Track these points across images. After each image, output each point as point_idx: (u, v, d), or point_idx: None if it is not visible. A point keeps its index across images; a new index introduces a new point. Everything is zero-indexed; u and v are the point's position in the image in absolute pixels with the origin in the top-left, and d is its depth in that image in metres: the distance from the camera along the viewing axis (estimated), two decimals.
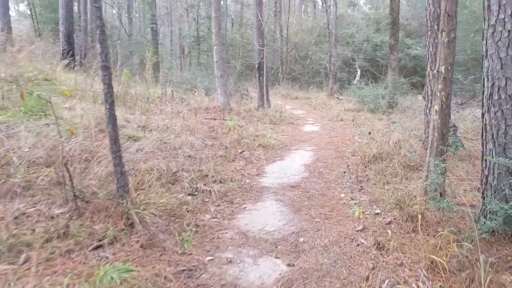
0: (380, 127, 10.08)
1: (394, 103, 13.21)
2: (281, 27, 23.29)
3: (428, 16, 6.71)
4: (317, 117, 12.57)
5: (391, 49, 13.52)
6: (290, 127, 10.05)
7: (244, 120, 9.69)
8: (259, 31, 11.28)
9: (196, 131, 7.47)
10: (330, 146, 7.59)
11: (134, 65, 17.59)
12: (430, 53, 6.71)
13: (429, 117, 6.85)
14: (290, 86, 22.06)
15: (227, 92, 10.42)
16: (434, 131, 4.21)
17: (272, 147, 7.28)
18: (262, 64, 11.42)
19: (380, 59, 20.66)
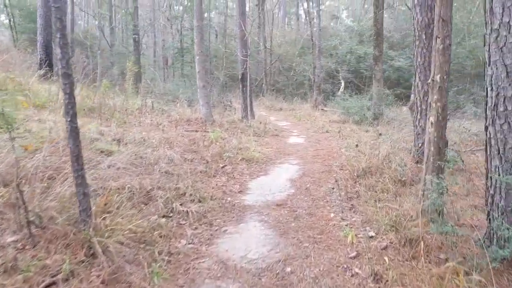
0: (366, 139, 9.80)
1: (379, 115, 13.01)
2: (264, 38, 23.11)
3: (416, 25, 6.46)
4: (302, 128, 12.25)
5: (376, 60, 13.36)
6: (274, 139, 9.68)
7: (227, 132, 9.28)
8: (242, 41, 10.95)
9: (176, 144, 7.02)
10: (316, 159, 7.23)
11: (114, 76, 17.05)
12: (419, 63, 6.45)
13: (418, 129, 6.58)
14: (274, 98, 21.79)
15: (209, 103, 10.02)
16: (430, 145, 3.87)
17: (256, 161, 6.87)
18: (245, 75, 11.08)
19: (364, 70, 20.60)
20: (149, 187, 4.35)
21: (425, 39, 6.34)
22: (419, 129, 6.56)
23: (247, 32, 10.72)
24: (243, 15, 11.17)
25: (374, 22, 13.38)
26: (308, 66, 21.80)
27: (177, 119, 10.11)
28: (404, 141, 8.58)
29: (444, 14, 3.71)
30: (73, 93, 3.09)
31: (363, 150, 7.59)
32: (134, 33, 18.66)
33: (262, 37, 22.89)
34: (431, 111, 3.85)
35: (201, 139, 7.90)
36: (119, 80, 21.51)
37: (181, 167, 5.58)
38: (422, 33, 6.36)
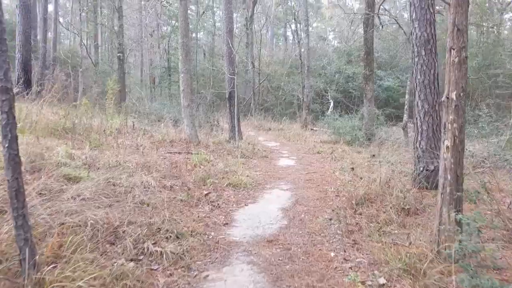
0: (360, 161, 9.27)
1: (371, 135, 12.55)
2: (253, 58, 22.77)
3: (415, 40, 6.01)
4: (292, 149, 11.68)
5: (366, 79, 12.98)
6: (263, 161, 9.07)
7: (213, 154, 8.65)
8: (229, 58, 10.45)
9: (155, 168, 6.35)
10: (309, 184, 6.61)
11: (97, 95, 16.37)
12: (419, 81, 5.97)
13: (418, 151, 6.05)
14: (263, 117, 21.30)
15: (194, 123, 9.41)
16: (446, 173, 3.30)
17: (243, 186, 6.23)
18: (233, 93, 10.53)
19: (353, 90, 20.31)
20: (117, 222, 3.66)
21: (425, 55, 5.89)
22: (419, 152, 6.02)
23: (234, 49, 10.24)
24: (230, 32, 10.71)
25: (364, 41, 13.07)
26: (297, 86, 21.47)
27: (160, 140, 9.46)
28: (401, 163, 8.06)
29: (459, 23, 3.21)
30: (12, 112, 2.45)
31: (359, 173, 7.03)
32: (119, 51, 18.09)
33: (250, 57, 22.55)
34: (446, 133, 3.29)
35: (184, 162, 7.25)
36: (101, 99, 20.82)
37: (159, 196, 4.91)
38: (422, 49, 5.91)
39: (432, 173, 5.85)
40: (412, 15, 6.00)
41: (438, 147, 5.93)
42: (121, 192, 4.80)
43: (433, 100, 5.89)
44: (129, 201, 4.49)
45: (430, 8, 5.83)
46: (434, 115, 5.90)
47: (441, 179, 3.36)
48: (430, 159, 5.90)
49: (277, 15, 32.83)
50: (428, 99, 5.89)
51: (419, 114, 6.00)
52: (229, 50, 10.31)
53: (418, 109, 6.02)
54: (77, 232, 3.36)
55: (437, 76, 5.93)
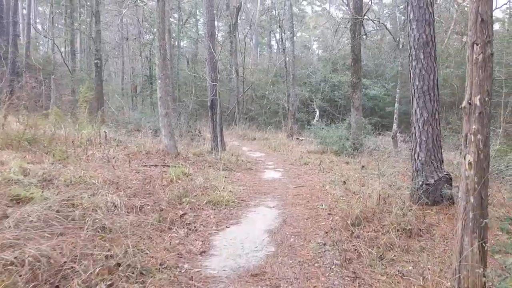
0: (350, 172, 8.72)
1: (359, 145, 12.04)
2: (237, 65, 22.21)
3: (412, 43, 5.49)
4: (278, 160, 11.07)
5: (354, 87, 12.51)
6: (248, 174, 8.41)
7: (192, 167, 7.95)
8: (211, 64, 9.83)
9: (125, 184, 5.64)
10: (298, 201, 5.98)
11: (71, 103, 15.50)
12: (417, 87, 5.44)
13: (417, 164, 5.50)
14: (247, 127, 20.70)
15: (173, 133, 8.71)
16: (468, 195, 2.71)
17: (225, 204, 5.56)
18: (215, 101, 9.89)
19: (339, 99, 19.91)
20: (64, 259, 2.95)
21: (424, 59, 5.37)
22: (418, 164, 5.47)
23: (217, 54, 9.62)
24: (212, 36, 10.10)
25: (351, 48, 12.63)
26: (282, 95, 20.97)
27: (135, 151, 8.73)
28: (395, 175, 7.52)
29: (483, 12, 2.65)
30: None
31: (351, 187, 6.44)
32: (96, 57, 17.28)
33: (234, 64, 21.99)
34: (468, 146, 2.71)
35: (160, 176, 6.53)
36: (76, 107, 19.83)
37: (125, 219, 4.20)
38: (420, 52, 5.39)
39: (432, 188, 5.30)
40: (410, 15, 5.49)
41: (438, 159, 5.41)
42: (79, 216, 4.08)
43: (433, 107, 5.37)
44: (87, 227, 3.78)
45: (429, 8, 5.34)
46: (434, 124, 5.37)
47: (461, 202, 2.76)
48: (430, 172, 5.36)
49: (262, 24, 32.48)
50: (428, 107, 5.36)
51: (417, 123, 5.46)
52: (210, 55, 9.68)
53: (416, 117, 5.47)
54: (11, 273, 2.65)
55: (436, 81, 5.42)
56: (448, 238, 4.31)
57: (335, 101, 20.17)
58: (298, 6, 39.55)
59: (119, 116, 19.54)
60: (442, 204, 5.26)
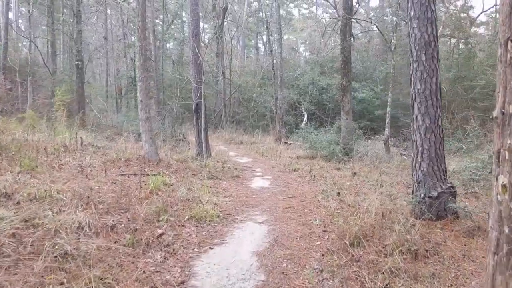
0: (342, 180, 8.25)
1: (349, 150, 11.60)
2: (223, 67, 21.64)
3: (413, 43, 5.03)
4: (266, 166, 10.54)
5: (344, 90, 12.09)
6: (234, 182, 7.85)
7: (175, 175, 7.37)
8: (196, 65, 9.26)
9: (98, 198, 5.02)
10: (289, 214, 5.45)
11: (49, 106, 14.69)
12: (418, 91, 4.97)
13: (419, 175, 5.03)
14: (234, 130, 20.15)
15: (154, 139, 8.11)
16: (501, 224, 2.21)
17: (209, 220, 4.99)
18: (200, 105, 9.31)
19: (327, 102, 19.51)
20: None
21: (426, 60, 4.90)
22: (419, 175, 5.00)
23: (201, 55, 9.05)
24: (196, 36, 9.53)
25: (341, 50, 12.21)
26: (270, 97, 20.49)
27: (114, 159, 8.09)
28: (392, 184, 7.07)
29: None
30: None
31: (346, 199, 5.94)
32: (77, 59, 16.51)
33: (220, 67, 21.42)
34: (502, 165, 2.21)
35: (138, 187, 5.94)
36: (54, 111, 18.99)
37: (93, 242, 3.62)
38: (422, 53, 4.92)
39: (435, 201, 4.83)
40: (410, 12, 5.02)
41: (442, 169, 4.95)
42: (39, 239, 3.48)
43: (436, 113, 4.91)
44: (46, 254, 3.19)
45: (431, 5, 4.88)
46: (437, 131, 4.91)
47: (493, 232, 2.26)
48: (433, 184, 4.89)
49: (249, 26, 31.98)
50: (430, 113, 4.90)
51: (418, 131, 4.99)
52: (195, 56, 9.11)
53: (417, 124, 5.00)
54: None
55: (439, 85, 4.96)
56: (458, 261, 3.83)
57: (323, 104, 19.76)
58: (285, 8, 39.25)
59: (102, 120, 18.80)
60: (447, 218, 4.80)
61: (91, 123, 16.27)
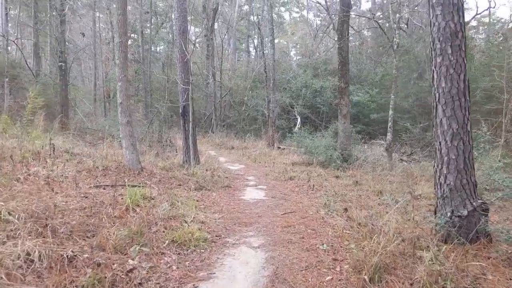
0: (343, 190, 7.41)
1: (348, 156, 10.78)
2: (214, 70, 20.73)
3: (436, 33, 4.20)
4: (259, 174, 9.66)
5: (341, 93, 11.28)
6: (225, 194, 6.95)
7: (158, 186, 6.45)
8: (183, 64, 8.36)
9: (61, 219, 4.09)
10: (289, 236, 4.55)
11: None
12: (443, 89, 4.13)
13: (444, 190, 4.20)
14: (225, 134, 19.24)
15: (135, 145, 7.17)
16: None
17: (194, 244, 4.08)
18: (187, 107, 8.40)
19: (321, 105, 18.71)
20: None
21: (452, 54, 4.08)
22: (445, 190, 4.16)
23: (189, 54, 8.14)
24: (183, 33, 8.63)
25: (338, 50, 11.40)
26: (261, 101, 19.64)
27: (90, 167, 7.13)
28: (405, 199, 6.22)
29: None
30: None
31: (354, 215, 5.07)
32: (61, 60, 15.47)
33: (211, 69, 20.51)
34: None
35: (113, 203, 5.01)
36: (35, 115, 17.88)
37: (42, 283, 2.70)
38: (447, 45, 4.10)
39: (465, 221, 3.99)
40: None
41: (472, 182, 4.11)
42: None
43: (464, 116, 4.08)
44: None
45: None
46: (466, 138, 4.08)
47: None
48: (462, 201, 4.05)
49: (240, 28, 31.13)
50: (457, 116, 4.07)
51: (444, 137, 4.15)
52: (182, 54, 8.22)
53: (442, 129, 4.16)
54: None
55: (467, 83, 4.14)
56: None
57: (317, 107, 18.97)
58: (276, 12, 38.50)
59: (87, 124, 17.75)
60: (479, 242, 3.96)
61: (74, 127, 15.24)
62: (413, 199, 5.87)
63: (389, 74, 17.99)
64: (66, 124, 15.82)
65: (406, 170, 9.47)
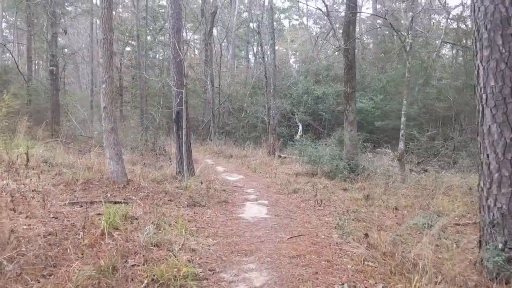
0: (354, 205, 6.56)
1: (355, 166, 9.91)
2: (212, 76, 19.92)
3: (482, 20, 3.37)
4: (260, 186, 8.78)
5: (347, 99, 10.46)
6: (221, 210, 6.06)
7: (145, 202, 5.57)
8: (176, 64, 7.53)
9: (14, 251, 3.22)
10: (300, 270, 3.65)
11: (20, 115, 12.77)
12: (492, 89, 3.29)
13: (495, 214, 3.36)
14: (224, 142, 18.36)
15: (120, 155, 6.30)
16: None
17: (180, 284, 3.19)
18: (181, 113, 7.54)
19: (323, 112, 17.87)
20: None
21: (503, 44, 3.24)
22: (496, 215, 3.30)
23: (182, 53, 7.30)
24: (178, 32, 7.81)
25: (344, 53, 10.60)
26: (261, 107, 18.80)
27: (69, 180, 6.26)
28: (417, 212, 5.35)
29: None
30: None
31: (376, 241, 4.19)
32: (52, 64, 14.67)
33: (209, 75, 19.70)
34: None
35: (88, 225, 4.13)
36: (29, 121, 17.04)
37: None
38: (496, 34, 3.27)
39: None
40: None
41: None
42: None
43: None
44: None
45: None
46: None
47: None
48: None
49: (239, 34, 30.40)
50: (510, 122, 3.22)
51: (493, 149, 3.30)
52: (175, 54, 7.39)
53: (491, 139, 3.31)
54: None
55: None
56: None
57: (319, 114, 18.13)
58: (276, 19, 37.83)
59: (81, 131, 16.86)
60: None
61: (64, 134, 14.37)
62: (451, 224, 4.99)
63: (393, 80, 17.22)
64: (57, 131, 14.97)
65: (419, 182, 8.60)
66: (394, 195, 7.64)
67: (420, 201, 6.96)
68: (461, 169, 11.02)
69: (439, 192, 7.78)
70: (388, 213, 6.33)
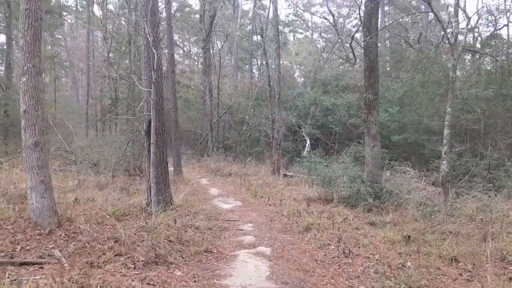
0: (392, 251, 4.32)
1: (380, 190, 7.61)
2: (210, 85, 17.82)
3: None
4: (260, 219, 6.52)
5: (369, 107, 8.26)
6: (198, 272, 3.79)
7: (72, 263, 3.34)
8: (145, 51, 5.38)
9: None
10: None
11: None
12: None
13: None
14: (223, 158, 16.14)
15: (48, 183, 4.09)
16: None
17: None
18: (154, 122, 5.32)
19: (333, 125, 15.62)
20: None
21: None
22: None
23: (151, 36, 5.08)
24: (152, 16, 5.64)
25: (364, 51, 8.44)
26: (265, 120, 16.60)
27: None
28: None
29: None
30: None
31: None
32: None
33: (208, 84, 17.62)
34: None
35: None
36: None
37: None
38: None
39: None
40: None
41: None
42: None
43: None
44: None
45: None
46: None
47: None
48: None
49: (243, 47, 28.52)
50: None
51: None
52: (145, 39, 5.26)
53: None
54: None
55: None
56: None
57: (329, 127, 15.88)
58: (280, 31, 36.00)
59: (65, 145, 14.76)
60: None
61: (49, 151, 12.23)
62: None
63: (411, 90, 15.07)
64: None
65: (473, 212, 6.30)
66: (441, 233, 5.42)
67: (482, 245, 4.72)
68: (510, 194, 8.70)
69: (502, 227, 5.53)
70: (445, 267, 4.12)
